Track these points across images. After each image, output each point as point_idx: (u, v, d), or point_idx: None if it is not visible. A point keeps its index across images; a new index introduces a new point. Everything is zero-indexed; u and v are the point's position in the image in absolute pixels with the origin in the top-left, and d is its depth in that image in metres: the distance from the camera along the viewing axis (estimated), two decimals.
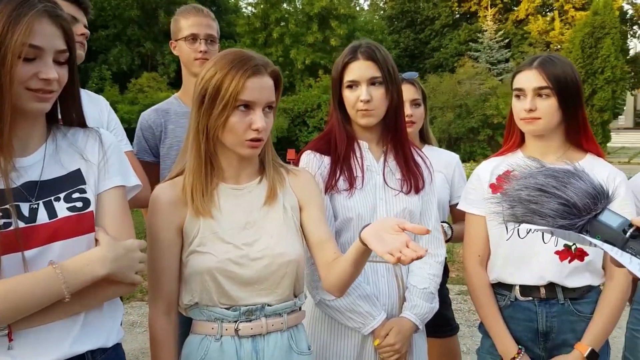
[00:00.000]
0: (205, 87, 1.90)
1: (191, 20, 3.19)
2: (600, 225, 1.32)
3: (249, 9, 40.72)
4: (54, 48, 1.64)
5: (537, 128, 2.37)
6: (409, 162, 2.49)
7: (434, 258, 2.52)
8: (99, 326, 1.76)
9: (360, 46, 2.40)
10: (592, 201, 1.33)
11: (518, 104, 2.40)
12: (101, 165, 1.81)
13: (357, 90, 2.38)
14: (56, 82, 1.65)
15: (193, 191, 1.94)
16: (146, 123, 3.22)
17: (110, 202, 1.79)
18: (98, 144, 1.84)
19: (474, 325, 5.91)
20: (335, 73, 2.44)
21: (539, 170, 1.45)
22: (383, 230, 1.68)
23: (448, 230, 3.16)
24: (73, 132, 1.84)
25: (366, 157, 2.46)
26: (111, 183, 1.81)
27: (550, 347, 2.41)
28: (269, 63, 1.96)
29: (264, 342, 1.96)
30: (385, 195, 2.43)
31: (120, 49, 34.59)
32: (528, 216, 1.40)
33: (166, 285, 1.97)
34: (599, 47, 31.63)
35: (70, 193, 1.73)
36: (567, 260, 2.33)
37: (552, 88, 2.31)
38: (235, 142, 1.92)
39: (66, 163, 1.77)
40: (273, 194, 2.03)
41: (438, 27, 50.87)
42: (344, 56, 2.42)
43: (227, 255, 1.91)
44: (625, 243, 1.28)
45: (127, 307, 6.63)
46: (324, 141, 2.47)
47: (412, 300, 2.42)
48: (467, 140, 31.41)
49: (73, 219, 1.69)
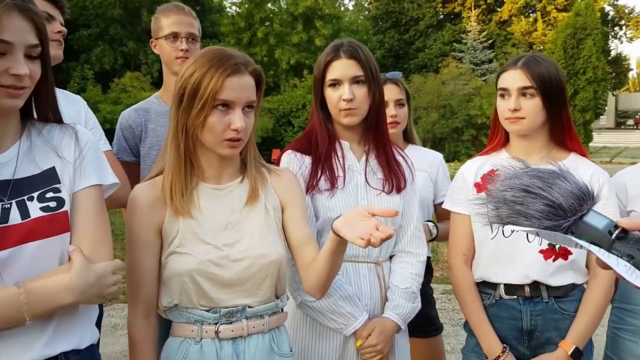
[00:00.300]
0: (184, 85, 1.87)
1: (172, 19, 3.16)
2: (586, 226, 1.31)
3: (233, 9, 40.64)
4: (25, 43, 1.59)
5: (521, 128, 2.37)
6: (391, 162, 2.49)
7: (416, 257, 2.52)
8: (73, 327, 1.72)
9: (342, 45, 2.38)
10: (577, 202, 1.32)
11: (502, 104, 2.40)
12: (77, 164, 1.76)
13: (339, 89, 2.37)
14: (28, 78, 1.61)
15: (172, 190, 1.91)
16: (126, 122, 3.18)
17: (85, 202, 1.74)
18: (74, 141, 1.79)
19: (458, 324, 5.93)
20: (318, 72, 2.43)
21: (524, 171, 1.44)
22: (353, 218, 1.69)
23: (433, 229, 3.15)
24: (49, 128, 1.79)
25: (347, 157, 2.45)
26: (87, 182, 1.76)
27: (534, 346, 2.41)
28: (249, 61, 1.93)
29: (245, 344, 1.93)
30: (367, 195, 2.42)
31: (102, 49, 34.38)
32: (513, 217, 1.39)
33: (145, 287, 1.94)
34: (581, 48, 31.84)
35: (44, 192, 1.68)
36: (551, 259, 2.34)
37: (536, 88, 2.32)
38: (214, 142, 1.89)
39: (40, 161, 1.72)
40: (254, 195, 2.00)
41: (422, 27, 51.06)
42: (326, 55, 2.40)
43: (208, 256, 1.88)
44: (612, 245, 1.27)
45: (109, 309, 6.58)
46: (304, 141, 2.46)
47: (394, 300, 2.41)
48: (451, 140, 31.51)
49: (46, 219, 1.64)
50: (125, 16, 35.17)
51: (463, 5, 51.64)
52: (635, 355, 2.51)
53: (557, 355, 2.35)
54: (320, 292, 2.01)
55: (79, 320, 1.74)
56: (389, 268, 2.49)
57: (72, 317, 1.71)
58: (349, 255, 2.34)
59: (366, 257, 2.41)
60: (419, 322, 3.06)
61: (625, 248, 1.26)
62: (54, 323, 1.66)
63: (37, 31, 1.62)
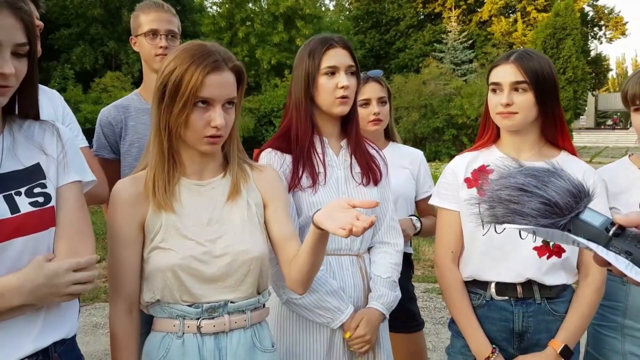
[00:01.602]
0: (164, 82, 1.87)
1: (151, 16, 3.14)
2: (583, 224, 1.30)
3: (214, 9, 40.52)
4: (13, 41, 1.58)
5: (513, 123, 2.35)
6: (366, 155, 2.52)
7: (394, 247, 2.56)
8: (60, 318, 1.73)
9: (332, 36, 2.42)
10: (573, 200, 1.31)
11: (494, 98, 2.38)
12: (60, 159, 1.77)
13: (336, 77, 2.38)
14: (13, 77, 1.60)
15: (155, 186, 1.91)
16: (106, 119, 3.17)
17: (68, 198, 1.75)
18: (56, 138, 1.79)
19: (439, 322, 5.96)
20: (311, 61, 2.40)
21: (518, 170, 1.43)
22: (333, 210, 1.71)
23: (417, 223, 3.18)
24: (28, 124, 1.79)
25: (327, 153, 2.46)
26: (70, 178, 1.77)
27: (524, 347, 2.38)
28: (230, 57, 1.92)
29: (227, 340, 1.93)
30: (348, 189, 2.45)
31: (83, 48, 34.18)
32: (509, 216, 1.38)
33: (127, 283, 1.93)
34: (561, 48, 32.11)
35: (32, 187, 1.68)
36: (545, 256, 2.32)
37: (529, 83, 2.30)
38: (194, 139, 1.90)
39: (24, 157, 1.72)
40: (236, 190, 2.00)
41: (403, 27, 51.22)
42: (321, 43, 2.40)
43: (190, 252, 1.88)
44: (609, 242, 1.27)
45: (91, 308, 6.55)
46: (283, 139, 2.45)
47: (378, 290, 2.44)
48: (432, 140, 31.63)
49: (36, 214, 1.65)
50: (105, 16, 34.98)
51: (443, 6, 51.84)
52: (615, 351, 2.51)
53: (546, 354, 2.33)
54: (303, 287, 2.02)
55: (64, 310, 1.75)
56: (369, 259, 2.52)
57: (58, 308, 1.72)
58: (332, 248, 2.38)
59: (348, 249, 2.44)
60: (401, 318, 3.09)
61: (622, 245, 1.25)
62: (41, 316, 1.67)
63: (26, 30, 1.61)
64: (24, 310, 1.62)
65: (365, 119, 3.14)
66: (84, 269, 1.66)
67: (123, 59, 35.08)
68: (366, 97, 3.17)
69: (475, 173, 2.45)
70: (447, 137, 31.41)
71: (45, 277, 1.60)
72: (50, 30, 32.04)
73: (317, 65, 2.39)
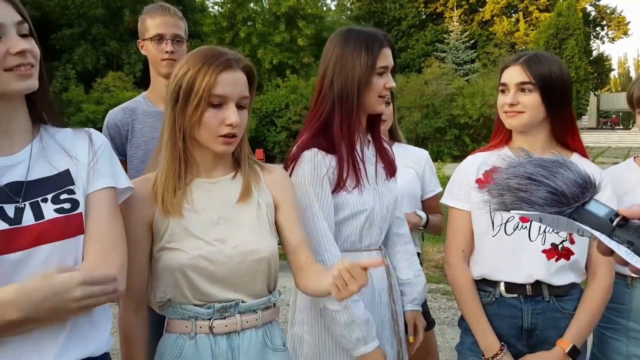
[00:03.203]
0: (178, 84, 1.88)
1: (157, 20, 3.13)
2: (587, 214, 1.34)
3: (216, 8, 40.62)
4: (13, 21, 1.57)
5: (519, 122, 2.38)
6: (387, 150, 2.56)
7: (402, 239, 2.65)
8: (87, 335, 1.66)
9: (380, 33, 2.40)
10: (579, 190, 1.35)
11: (502, 98, 2.43)
12: (91, 166, 1.74)
13: (384, 77, 2.37)
14: (30, 54, 1.59)
15: (164, 191, 1.91)
16: (112, 121, 3.17)
17: (98, 204, 1.71)
18: (88, 143, 1.77)
19: (444, 322, 5.96)
20: (369, 57, 2.32)
21: (527, 160, 1.47)
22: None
23: (421, 213, 3.23)
24: (62, 131, 1.77)
25: (364, 150, 2.45)
26: (101, 184, 1.73)
27: (532, 344, 2.41)
28: (241, 58, 1.94)
29: (239, 339, 1.93)
30: (379, 185, 2.47)
31: (84, 48, 34.28)
32: (517, 204, 1.42)
33: (136, 282, 1.92)
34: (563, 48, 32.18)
35: (59, 194, 1.65)
36: (554, 259, 2.34)
37: (534, 84, 2.33)
38: (208, 139, 1.89)
39: (54, 162, 1.69)
40: (248, 192, 2.00)
41: (405, 27, 51.32)
42: (377, 40, 2.34)
43: (199, 251, 1.88)
44: (612, 232, 1.30)
45: None
46: (323, 136, 2.35)
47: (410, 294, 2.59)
48: (434, 140, 31.69)
49: (60, 221, 1.61)
50: (107, 16, 35.09)
51: (445, 6, 51.92)
52: (620, 353, 2.53)
53: (554, 353, 2.35)
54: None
55: (92, 328, 1.69)
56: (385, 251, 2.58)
57: (86, 324, 1.66)
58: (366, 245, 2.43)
59: (376, 243, 2.47)
60: None
61: (625, 235, 1.29)
62: (66, 330, 1.61)
63: (16, 8, 1.60)
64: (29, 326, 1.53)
65: None
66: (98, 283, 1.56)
67: (125, 58, 35.22)
68: None
69: (487, 174, 2.46)
70: (449, 137, 31.49)
71: (50, 291, 1.48)
72: (51, 30, 32.15)
73: (374, 63, 2.33)
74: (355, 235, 2.38)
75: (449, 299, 6.74)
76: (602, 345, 2.62)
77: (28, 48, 1.57)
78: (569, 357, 2.33)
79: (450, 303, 6.58)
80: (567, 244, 2.36)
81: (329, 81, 2.35)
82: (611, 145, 40.06)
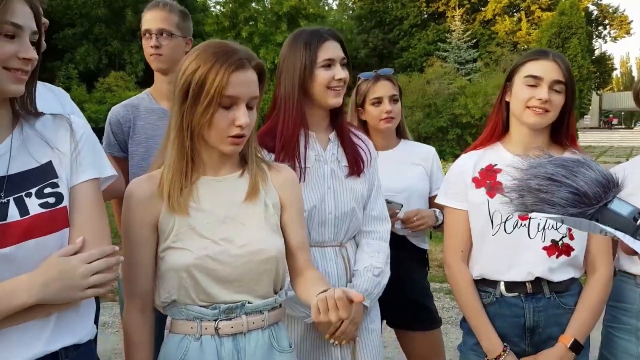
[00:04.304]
0: (188, 81, 1.82)
1: (147, 16, 3.13)
2: (611, 213, 1.32)
3: (218, 8, 40.61)
4: (30, 28, 1.59)
5: (544, 121, 2.34)
6: (353, 147, 2.54)
7: (373, 235, 2.58)
8: (73, 323, 1.69)
9: (323, 29, 2.45)
10: (602, 190, 1.33)
11: (528, 91, 2.32)
12: (73, 157, 1.72)
13: (332, 69, 2.40)
14: (31, 64, 1.60)
15: (171, 188, 1.87)
16: (115, 118, 3.16)
17: (83, 197, 1.70)
18: (69, 133, 1.75)
19: (447, 322, 5.93)
20: (308, 52, 2.39)
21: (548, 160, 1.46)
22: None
23: (440, 215, 3.17)
24: (42, 120, 1.75)
25: (314, 147, 2.47)
26: (85, 176, 1.72)
27: (536, 342, 2.40)
28: (253, 56, 1.90)
29: (245, 341, 1.91)
30: (333, 184, 2.47)
31: (87, 48, 34.29)
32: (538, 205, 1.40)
33: (141, 282, 1.91)
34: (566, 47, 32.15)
35: (42, 188, 1.64)
36: (554, 255, 2.33)
37: (566, 84, 2.30)
38: (217, 139, 1.86)
39: (35, 155, 1.68)
40: (255, 191, 1.97)
41: (406, 27, 51.21)
42: (316, 36, 2.41)
43: (205, 251, 1.85)
44: (636, 231, 1.29)
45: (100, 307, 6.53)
46: (270, 136, 2.44)
47: (354, 282, 2.48)
48: (436, 139, 31.57)
49: (46, 216, 1.61)
50: (109, 15, 35.11)
51: (447, 5, 51.83)
52: (629, 353, 2.51)
53: (556, 349, 2.34)
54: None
55: (79, 316, 1.71)
56: (353, 248, 2.56)
57: (73, 313, 1.68)
58: (316, 241, 2.43)
59: (332, 241, 2.48)
60: (418, 315, 3.09)
61: None
62: (53, 319, 1.64)
63: (36, 18, 1.62)
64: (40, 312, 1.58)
65: (377, 117, 3.15)
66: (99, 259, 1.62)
67: (127, 58, 35.22)
68: (378, 95, 3.16)
69: (483, 172, 2.45)
70: (451, 136, 31.39)
71: (58, 271, 1.56)
72: (54, 30, 32.16)
73: (314, 58, 2.39)
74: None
75: (452, 299, 6.71)
76: (610, 346, 2.60)
77: (36, 58, 1.59)
78: (572, 352, 2.32)
79: (454, 303, 6.55)
80: (567, 240, 2.35)
81: (278, 83, 2.48)
82: (613, 145, 40.02)
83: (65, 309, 1.65)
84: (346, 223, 2.50)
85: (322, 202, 2.43)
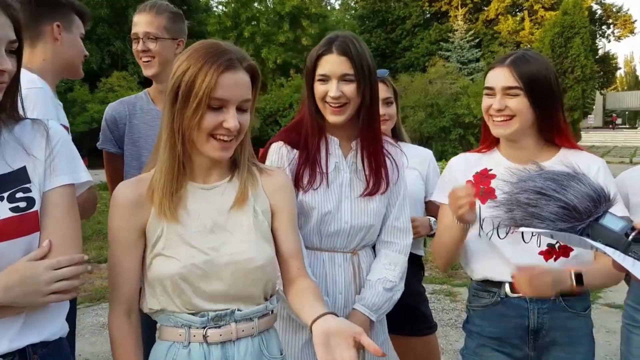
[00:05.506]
0: (177, 83, 1.79)
1: (135, 19, 3.12)
2: (602, 228, 1.30)
3: (220, 8, 40.62)
4: (6, 38, 1.58)
5: (510, 131, 2.31)
6: (378, 163, 2.45)
7: (393, 247, 2.51)
8: (42, 320, 1.70)
9: (336, 39, 2.32)
10: (593, 204, 1.31)
11: (487, 101, 2.35)
12: (47, 162, 1.72)
13: (327, 84, 2.32)
14: (7, 74, 1.60)
15: (162, 194, 1.84)
16: (111, 114, 3.19)
17: (55, 202, 1.71)
18: (45, 139, 1.73)
19: (447, 324, 5.92)
20: (310, 64, 2.37)
21: (538, 173, 1.43)
22: (336, 335, 1.59)
23: (435, 225, 3.14)
24: (20, 126, 1.74)
25: (335, 154, 2.42)
26: (58, 181, 1.72)
27: (539, 346, 2.36)
28: (245, 57, 1.85)
29: (234, 349, 1.88)
30: (351, 194, 2.42)
31: (89, 48, 34.03)
32: (527, 220, 1.38)
33: (126, 287, 1.89)
34: (569, 47, 32.05)
35: (14, 192, 1.64)
36: (552, 259, 2.29)
37: (521, 88, 2.25)
38: (203, 141, 1.82)
39: (10, 160, 1.67)
40: (243, 197, 1.93)
41: (409, 26, 51.19)
42: (319, 47, 2.35)
43: (192, 260, 1.82)
44: (628, 247, 1.26)
45: (97, 308, 6.56)
46: (295, 132, 2.42)
47: (364, 292, 2.42)
48: (438, 139, 31.58)
49: (15, 220, 1.61)
50: (111, 16, 35.08)
51: (450, 4, 51.80)
52: None
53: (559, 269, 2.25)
54: None
55: (48, 313, 1.72)
56: (366, 255, 2.51)
57: (42, 311, 1.69)
58: (327, 246, 2.41)
59: (343, 247, 2.43)
60: (413, 321, 3.06)
61: None
62: (22, 316, 1.65)
63: (16, 26, 1.61)
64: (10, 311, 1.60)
65: None
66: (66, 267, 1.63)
67: (129, 58, 35.10)
68: None
69: (477, 176, 2.44)
70: (454, 136, 31.38)
71: (22, 276, 1.58)
72: None
73: (312, 72, 2.36)
74: (313, 234, 2.38)
75: (453, 300, 6.71)
76: (629, 344, 2.62)
77: (9, 69, 1.59)
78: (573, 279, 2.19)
79: (454, 305, 6.54)
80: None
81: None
82: (617, 145, 39.93)
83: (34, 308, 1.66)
84: (361, 234, 2.45)
85: (338, 211, 2.39)
